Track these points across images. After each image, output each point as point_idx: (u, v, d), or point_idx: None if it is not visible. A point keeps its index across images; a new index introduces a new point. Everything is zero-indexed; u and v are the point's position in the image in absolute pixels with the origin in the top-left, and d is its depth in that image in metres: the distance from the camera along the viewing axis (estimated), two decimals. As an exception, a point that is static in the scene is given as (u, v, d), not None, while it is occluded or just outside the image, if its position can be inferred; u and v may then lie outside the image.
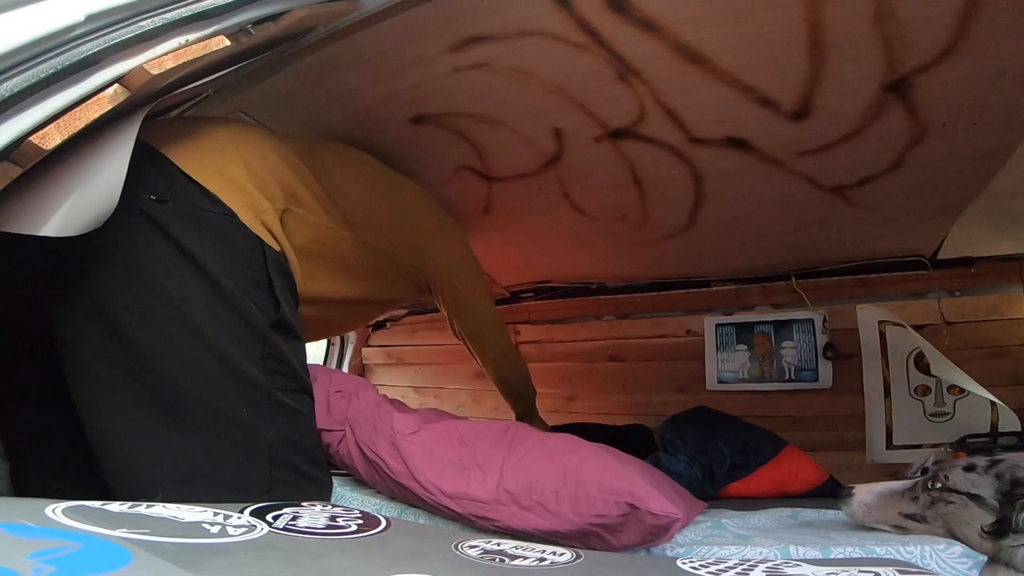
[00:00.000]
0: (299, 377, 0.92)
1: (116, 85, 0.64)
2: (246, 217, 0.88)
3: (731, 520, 1.10)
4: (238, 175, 0.91)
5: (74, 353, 0.79)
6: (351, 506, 0.88)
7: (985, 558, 0.78)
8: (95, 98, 0.62)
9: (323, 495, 0.94)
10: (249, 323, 0.85)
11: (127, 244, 0.78)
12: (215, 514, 0.53)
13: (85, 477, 0.82)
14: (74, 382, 0.79)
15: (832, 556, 0.81)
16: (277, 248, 0.93)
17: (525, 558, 0.54)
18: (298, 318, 0.96)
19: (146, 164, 0.81)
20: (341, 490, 1.22)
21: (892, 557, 0.78)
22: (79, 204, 0.62)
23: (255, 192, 0.92)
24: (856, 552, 0.80)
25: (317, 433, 0.99)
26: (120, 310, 0.78)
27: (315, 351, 2.64)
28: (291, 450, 0.87)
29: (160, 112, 0.85)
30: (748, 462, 1.58)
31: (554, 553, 0.58)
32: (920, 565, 0.76)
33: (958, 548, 0.79)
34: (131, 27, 0.64)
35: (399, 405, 1.30)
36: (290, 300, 0.94)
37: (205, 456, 0.80)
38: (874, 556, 0.78)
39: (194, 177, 0.85)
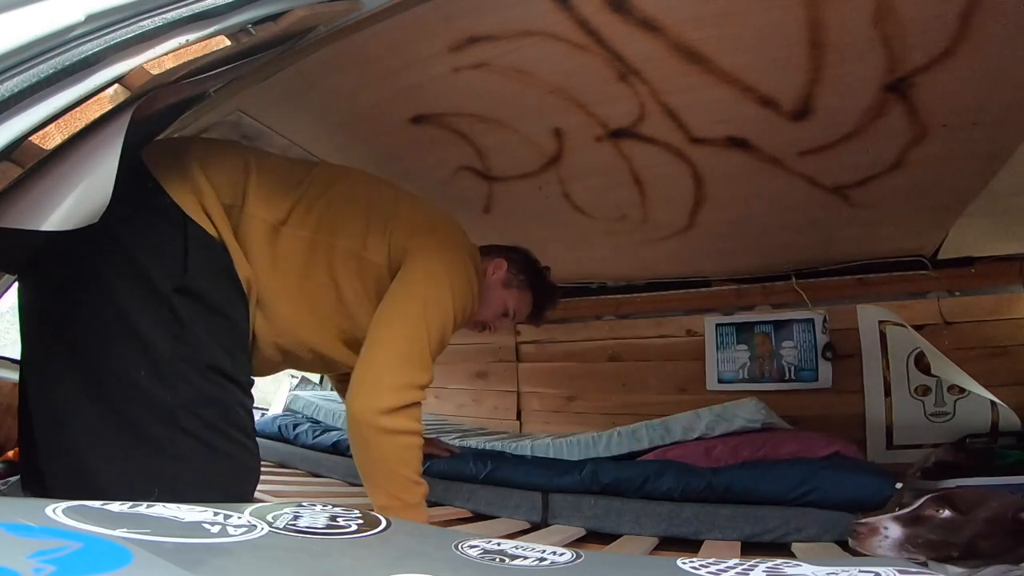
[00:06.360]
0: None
1: (116, 85, 0.64)
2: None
3: None
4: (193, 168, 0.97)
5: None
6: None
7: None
8: (95, 98, 0.62)
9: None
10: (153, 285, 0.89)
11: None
12: (215, 514, 0.53)
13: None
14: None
15: None
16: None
17: (525, 558, 0.54)
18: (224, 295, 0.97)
19: None
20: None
21: None
22: (78, 199, 0.62)
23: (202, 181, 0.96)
24: None
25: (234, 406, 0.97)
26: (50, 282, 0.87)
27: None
28: (194, 417, 0.88)
29: (160, 112, 0.85)
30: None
31: (554, 553, 0.58)
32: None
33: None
34: (131, 27, 0.64)
35: None
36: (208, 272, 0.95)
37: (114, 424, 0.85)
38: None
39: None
